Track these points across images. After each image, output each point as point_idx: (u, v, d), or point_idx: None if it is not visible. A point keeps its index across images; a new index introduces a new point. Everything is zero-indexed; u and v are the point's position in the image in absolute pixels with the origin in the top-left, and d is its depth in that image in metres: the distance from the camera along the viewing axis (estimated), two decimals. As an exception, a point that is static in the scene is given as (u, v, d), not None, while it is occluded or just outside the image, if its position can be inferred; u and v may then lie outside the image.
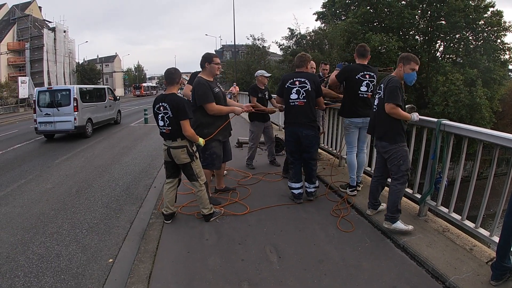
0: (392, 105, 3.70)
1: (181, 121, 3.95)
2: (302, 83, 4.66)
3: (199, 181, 4.22)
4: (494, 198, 3.74)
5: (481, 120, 21.58)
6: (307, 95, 4.64)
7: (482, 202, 3.55)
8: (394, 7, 25.27)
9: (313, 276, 3.18)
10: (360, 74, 4.77)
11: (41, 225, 4.85)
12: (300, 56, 4.90)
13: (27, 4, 50.14)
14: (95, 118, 14.08)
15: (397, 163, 3.80)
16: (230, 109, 4.82)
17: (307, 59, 4.88)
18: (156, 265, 3.44)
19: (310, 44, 29.00)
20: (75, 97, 12.53)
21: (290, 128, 4.81)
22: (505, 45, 25.98)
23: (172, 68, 4.15)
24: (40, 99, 12.67)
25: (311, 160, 4.88)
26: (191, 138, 4.07)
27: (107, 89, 16.48)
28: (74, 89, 12.75)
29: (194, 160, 4.18)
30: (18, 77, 40.30)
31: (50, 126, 12.45)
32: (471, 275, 3.04)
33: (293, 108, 4.71)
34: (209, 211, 4.35)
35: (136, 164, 8.47)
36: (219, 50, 65.14)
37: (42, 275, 3.59)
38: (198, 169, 4.23)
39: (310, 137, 4.72)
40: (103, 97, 15.64)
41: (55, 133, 12.98)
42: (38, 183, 6.92)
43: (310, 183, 4.99)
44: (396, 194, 3.80)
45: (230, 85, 29.14)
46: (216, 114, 4.61)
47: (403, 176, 3.82)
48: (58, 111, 12.37)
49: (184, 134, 4.01)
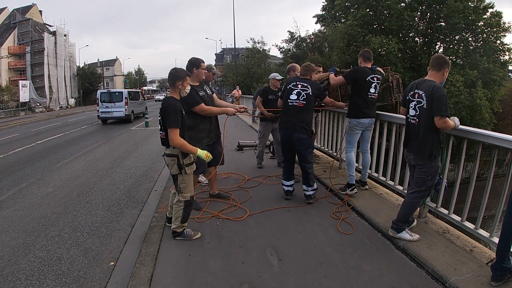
0: (445, 119, 3.32)
1: (167, 129, 3.64)
2: (304, 87, 4.79)
3: (180, 197, 3.88)
4: (495, 199, 3.74)
5: (481, 121, 21.58)
6: (307, 98, 4.76)
7: (482, 203, 3.56)
8: (393, 9, 25.30)
9: (313, 278, 3.18)
10: (369, 77, 4.85)
11: (42, 228, 4.87)
12: (306, 65, 5.06)
13: (28, 8, 50.23)
14: (135, 110, 21.57)
15: (426, 177, 3.59)
16: (222, 110, 4.77)
17: (312, 69, 5.03)
18: (157, 268, 3.45)
19: (310, 47, 29.01)
20: (126, 97, 19.95)
21: (283, 130, 4.94)
22: (504, 46, 26.01)
23: (173, 69, 3.90)
24: (102, 97, 20.02)
25: (305, 164, 4.91)
26: (181, 149, 3.68)
27: (140, 92, 25.01)
28: (125, 92, 20.43)
29: (182, 174, 3.79)
30: (19, 81, 40.51)
31: (107, 114, 20.09)
32: (471, 276, 3.05)
33: (291, 108, 4.80)
34: (177, 229, 4.00)
35: (137, 167, 8.48)
36: (220, 53, 65.28)
37: (43, 278, 3.60)
38: (183, 185, 3.82)
39: (302, 140, 4.79)
40: (138, 97, 23.51)
41: (111, 119, 20.53)
42: (39, 187, 6.94)
43: (307, 186, 5.02)
44: (411, 206, 3.75)
45: (231, 88, 29.16)
46: (207, 115, 4.61)
47: (425, 191, 3.67)
48: (114, 105, 19.81)
49: (170, 143, 3.66)
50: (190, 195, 3.91)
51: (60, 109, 45.29)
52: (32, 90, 41.39)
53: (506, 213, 2.78)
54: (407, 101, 3.69)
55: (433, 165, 3.56)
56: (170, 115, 3.61)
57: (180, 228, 4.01)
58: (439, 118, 3.32)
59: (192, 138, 4.34)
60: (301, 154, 4.89)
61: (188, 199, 3.88)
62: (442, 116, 3.31)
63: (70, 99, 50.65)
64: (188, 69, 4.56)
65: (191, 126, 4.44)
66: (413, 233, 3.77)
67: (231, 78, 41.01)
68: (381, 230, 4.05)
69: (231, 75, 41.20)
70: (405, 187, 4.68)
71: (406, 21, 25.25)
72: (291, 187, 5.19)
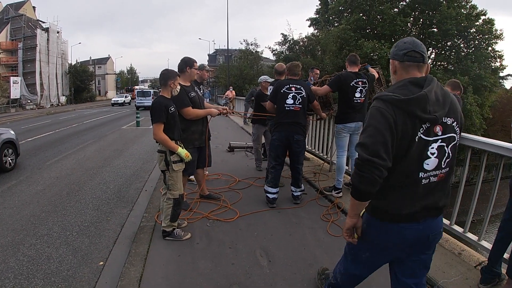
0: None
1: (152, 124, 3.78)
2: (298, 90, 4.80)
3: (169, 194, 3.92)
4: (484, 204, 3.79)
5: (471, 126, 21.77)
6: (302, 101, 4.79)
7: (471, 207, 3.61)
8: (386, 14, 25.48)
9: (303, 280, 3.20)
10: (354, 81, 4.93)
11: (31, 227, 4.81)
12: (296, 64, 5.03)
13: (21, 3, 49.67)
14: None
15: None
16: (207, 112, 4.75)
17: (300, 67, 5.05)
18: (147, 268, 3.44)
19: (303, 50, 29.11)
20: (152, 94, 34.84)
21: (283, 132, 4.86)
22: (496, 53, 26.38)
23: (165, 70, 3.98)
24: (138, 94, 35.28)
25: (298, 165, 4.98)
26: (162, 144, 3.78)
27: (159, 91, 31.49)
28: (152, 91, 36.72)
29: (169, 171, 3.85)
30: (10, 77, 40.01)
31: (141, 104, 33.16)
32: (460, 279, 3.08)
33: (289, 112, 4.80)
34: (167, 228, 4.01)
35: (128, 167, 8.44)
36: (212, 54, 65.18)
37: (32, 277, 3.56)
38: (171, 182, 3.88)
39: (300, 142, 4.85)
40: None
41: (142, 107, 31.50)
42: (29, 185, 6.87)
43: (296, 187, 5.07)
44: None
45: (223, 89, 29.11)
46: (193, 118, 4.55)
47: None
48: (145, 98, 33.95)
49: (153, 137, 3.80)
50: (179, 193, 3.93)
51: (50, 106, 44.77)
52: (23, 86, 40.94)
53: (504, 218, 2.83)
54: None
55: None
56: (156, 110, 3.74)
57: (170, 228, 4.01)
58: None
59: (184, 140, 4.33)
60: (297, 155, 4.93)
61: (176, 197, 3.90)
62: None
63: (61, 97, 50.14)
64: (181, 67, 4.54)
65: (183, 128, 4.41)
66: None
67: (223, 79, 40.97)
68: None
69: (223, 76, 41.16)
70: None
71: (398, 27, 25.44)
72: (276, 195, 5.04)
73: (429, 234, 1.97)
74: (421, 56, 1.89)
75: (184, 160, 3.90)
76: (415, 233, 1.93)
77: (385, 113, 1.79)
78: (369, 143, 1.79)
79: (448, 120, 1.87)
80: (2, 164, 7.79)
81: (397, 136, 1.77)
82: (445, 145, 1.88)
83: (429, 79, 1.86)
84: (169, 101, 3.87)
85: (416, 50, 1.89)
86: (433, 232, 1.98)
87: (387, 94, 1.85)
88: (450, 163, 1.92)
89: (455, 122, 1.91)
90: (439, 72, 24.69)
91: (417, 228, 1.92)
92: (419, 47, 1.90)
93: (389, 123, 1.77)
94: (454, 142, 1.92)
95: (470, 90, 22.35)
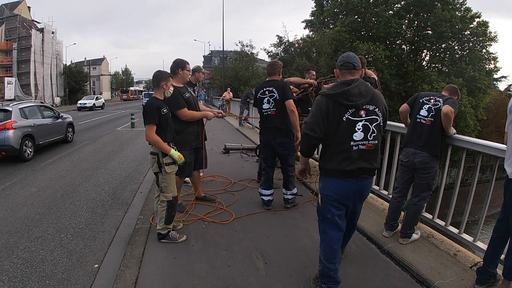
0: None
1: (145, 125, 3.72)
2: (271, 92, 4.70)
3: (162, 196, 3.87)
4: (478, 205, 3.81)
5: (465, 128, 21.87)
6: (276, 103, 4.68)
7: (466, 208, 3.63)
8: (381, 16, 25.56)
9: (299, 282, 3.19)
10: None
11: (25, 229, 4.78)
12: (273, 63, 4.94)
13: (16, 3, 49.35)
14: None
15: (430, 181, 3.65)
16: (203, 114, 4.73)
17: (279, 66, 4.91)
18: (142, 270, 3.42)
19: (298, 51, 29.17)
20: None
21: (264, 136, 4.87)
22: (490, 55, 26.60)
23: (157, 71, 3.96)
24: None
25: (287, 166, 4.90)
26: (155, 145, 3.73)
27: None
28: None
29: (162, 173, 3.82)
30: (4, 77, 39.71)
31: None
32: (455, 279, 3.10)
33: (267, 117, 4.77)
34: (162, 230, 3.98)
35: (122, 169, 8.40)
36: (208, 56, 65.12)
37: (27, 280, 3.54)
38: (164, 184, 3.83)
39: (285, 144, 4.75)
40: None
41: None
42: (23, 187, 6.82)
43: (287, 190, 5.01)
44: (419, 212, 3.79)
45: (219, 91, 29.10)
46: (189, 120, 4.53)
47: (429, 195, 3.77)
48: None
49: (146, 139, 3.75)
50: (173, 195, 3.90)
51: (45, 108, 44.46)
52: (17, 87, 40.64)
53: (499, 218, 2.84)
54: (419, 103, 3.74)
55: (436, 167, 3.64)
56: (148, 112, 3.71)
57: (165, 230, 3.98)
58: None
59: (181, 141, 4.32)
60: (284, 157, 4.85)
61: (170, 199, 3.87)
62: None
63: (55, 98, 49.75)
64: (173, 69, 4.54)
65: (179, 130, 4.39)
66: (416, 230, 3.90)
67: (218, 80, 40.93)
68: (366, 234, 4.09)
69: (218, 77, 41.11)
70: (390, 192, 4.73)
71: (393, 29, 25.55)
72: (271, 196, 5.03)
73: (363, 190, 2.83)
74: (352, 65, 2.71)
75: (177, 162, 3.88)
76: (355, 187, 2.74)
77: (320, 103, 2.69)
78: (309, 122, 2.72)
79: (370, 107, 2.67)
80: (67, 137, 12.22)
81: (327, 117, 2.65)
82: (368, 124, 2.66)
83: (355, 80, 2.67)
84: (162, 102, 3.84)
85: (349, 61, 2.72)
86: (365, 188, 2.85)
87: (325, 91, 2.76)
88: (376, 137, 2.69)
89: (377, 108, 2.69)
90: (433, 74, 24.85)
91: (355, 183, 2.72)
92: (352, 59, 2.73)
93: (322, 110, 2.66)
94: (377, 122, 2.70)
95: (465, 92, 22.45)
